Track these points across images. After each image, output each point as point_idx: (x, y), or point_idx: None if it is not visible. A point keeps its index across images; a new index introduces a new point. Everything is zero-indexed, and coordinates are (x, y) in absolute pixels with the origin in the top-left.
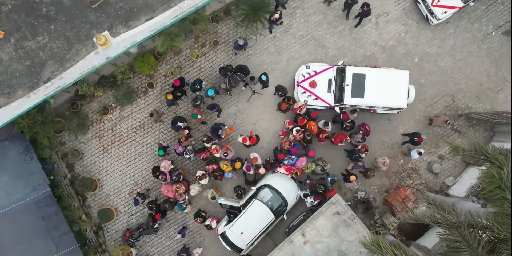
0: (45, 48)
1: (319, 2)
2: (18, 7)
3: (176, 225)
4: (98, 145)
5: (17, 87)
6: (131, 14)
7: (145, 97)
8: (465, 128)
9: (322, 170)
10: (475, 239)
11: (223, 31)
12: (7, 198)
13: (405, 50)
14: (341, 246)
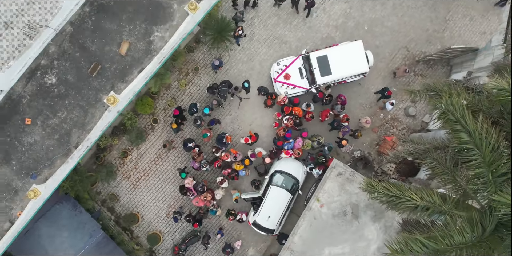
0: (66, 121)
1: (271, 7)
2: (35, 95)
3: (213, 228)
4: (128, 184)
5: (55, 158)
6: (125, 71)
7: (153, 132)
8: (425, 70)
9: (318, 144)
10: (442, 157)
11: (199, 58)
12: (73, 249)
13: (354, 22)
14: (351, 199)
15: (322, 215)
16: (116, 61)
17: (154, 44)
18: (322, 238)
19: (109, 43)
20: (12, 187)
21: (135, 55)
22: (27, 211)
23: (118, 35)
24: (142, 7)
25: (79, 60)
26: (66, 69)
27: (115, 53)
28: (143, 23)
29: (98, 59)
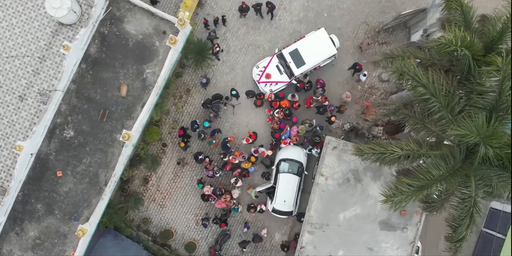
0: (91, 164)
1: (238, 19)
2: (59, 150)
3: (239, 224)
4: (155, 206)
5: (90, 198)
6: (130, 110)
7: (165, 155)
8: (387, 38)
9: (310, 126)
10: (411, 111)
11: (188, 80)
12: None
13: (314, 12)
14: (350, 167)
15: (329, 187)
16: (120, 103)
17: (148, 80)
18: (334, 206)
19: (110, 90)
20: (61, 232)
21: (134, 94)
22: (79, 249)
23: (115, 81)
24: (130, 52)
25: (89, 110)
26: (79, 121)
27: (117, 97)
28: (134, 65)
29: (104, 105)
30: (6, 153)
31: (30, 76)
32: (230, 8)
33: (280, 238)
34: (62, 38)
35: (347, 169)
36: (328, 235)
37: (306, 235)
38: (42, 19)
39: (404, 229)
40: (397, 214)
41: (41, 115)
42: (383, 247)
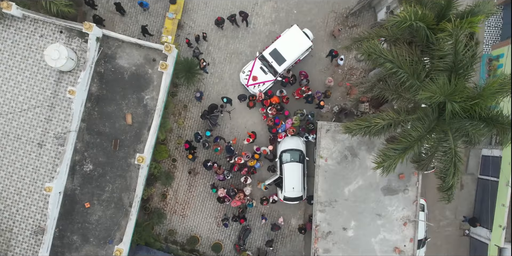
0: (114, 190)
1: (216, 32)
2: (83, 184)
3: (257, 217)
4: (177, 217)
5: (119, 221)
6: (138, 135)
7: (176, 169)
8: (356, 21)
9: (302, 115)
10: (386, 85)
11: (183, 97)
12: None
13: (285, 12)
14: (345, 145)
15: (330, 166)
16: (128, 131)
17: (148, 105)
18: (338, 183)
19: (116, 121)
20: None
21: (139, 120)
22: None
23: (120, 112)
24: (127, 83)
25: (101, 143)
26: (95, 155)
27: (124, 126)
28: (133, 94)
29: (114, 136)
30: (37, 196)
31: (44, 124)
32: (207, 24)
33: (296, 223)
34: (66, 84)
35: (342, 147)
36: (338, 210)
37: (318, 214)
38: (44, 71)
39: (405, 191)
40: (396, 178)
41: (61, 157)
42: (389, 211)
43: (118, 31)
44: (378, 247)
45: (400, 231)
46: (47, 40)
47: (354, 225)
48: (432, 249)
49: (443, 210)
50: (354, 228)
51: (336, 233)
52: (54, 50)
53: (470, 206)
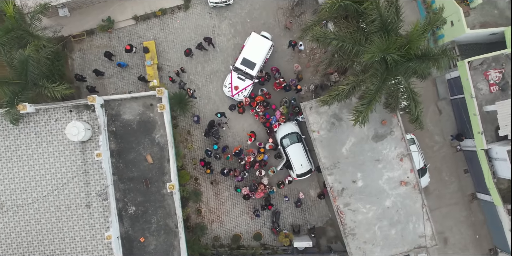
0: (159, 220)
1: (190, 62)
2: (132, 224)
3: (281, 200)
4: (216, 224)
5: (172, 242)
6: (162, 168)
7: (201, 185)
8: (301, 9)
9: (286, 102)
10: (339, 57)
11: (184, 125)
12: None
13: (240, 24)
14: (329, 114)
15: (323, 136)
16: (152, 169)
17: (160, 142)
18: (335, 146)
19: (140, 164)
20: None
21: (157, 156)
22: None
23: (140, 156)
24: (137, 131)
25: (135, 186)
26: (133, 197)
27: (148, 165)
28: (145, 138)
29: (143, 176)
30: (100, 247)
31: (84, 188)
32: (181, 58)
33: (315, 192)
34: (90, 150)
35: (327, 117)
36: (343, 169)
37: (328, 177)
38: (69, 147)
39: (391, 133)
40: (380, 125)
41: (109, 209)
42: (385, 154)
43: (110, 92)
44: (387, 186)
45: (399, 167)
46: (62, 121)
47: (361, 176)
48: (435, 171)
49: (432, 137)
50: (362, 178)
51: (348, 188)
52: (72, 127)
53: (453, 126)
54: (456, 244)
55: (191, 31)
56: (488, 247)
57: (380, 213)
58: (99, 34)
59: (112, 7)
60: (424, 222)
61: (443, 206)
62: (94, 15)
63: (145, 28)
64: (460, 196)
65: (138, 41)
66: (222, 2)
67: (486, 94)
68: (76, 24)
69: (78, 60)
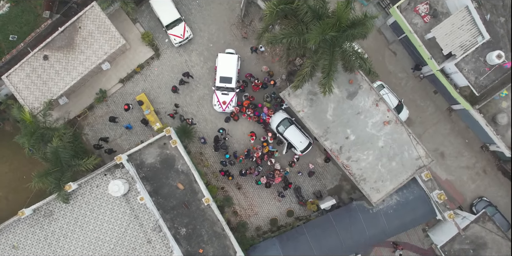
0: (207, 230)
1: (179, 96)
2: (187, 241)
3: (296, 176)
4: (253, 217)
5: (228, 243)
6: (193, 189)
7: (228, 191)
8: (250, 17)
9: (268, 97)
10: (292, 47)
11: (194, 148)
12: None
13: (206, 50)
14: (305, 93)
15: (308, 112)
16: (186, 192)
17: (184, 170)
18: (320, 116)
19: (175, 192)
20: None
21: (186, 181)
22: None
23: (172, 186)
24: (162, 168)
25: (178, 212)
26: (180, 221)
27: (181, 191)
28: (171, 171)
29: (181, 201)
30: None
31: (140, 228)
32: (171, 97)
33: (321, 159)
34: (133, 198)
35: (305, 96)
36: (334, 131)
37: (326, 143)
38: (116, 202)
39: (360, 87)
40: (349, 85)
41: (166, 237)
42: (362, 105)
43: (126, 148)
44: (374, 130)
45: (378, 111)
46: (102, 185)
47: (350, 131)
48: (410, 103)
49: (396, 75)
50: (352, 132)
51: (344, 144)
52: (113, 186)
53: (409, 60)
54: (451, 154)
55: (169, 72)
56: (479, 145)
57: (378, 153)
58: (97, 106)
59: (99, 80)
60: (415, 147)
61: (428, 128)
62: (88, 92)
63: (132, 85)
64: (439, 114)
65: (131, 98)
66: (184, 40)
67: (422, 26)
68: (76, 105)
69: (90, 133)
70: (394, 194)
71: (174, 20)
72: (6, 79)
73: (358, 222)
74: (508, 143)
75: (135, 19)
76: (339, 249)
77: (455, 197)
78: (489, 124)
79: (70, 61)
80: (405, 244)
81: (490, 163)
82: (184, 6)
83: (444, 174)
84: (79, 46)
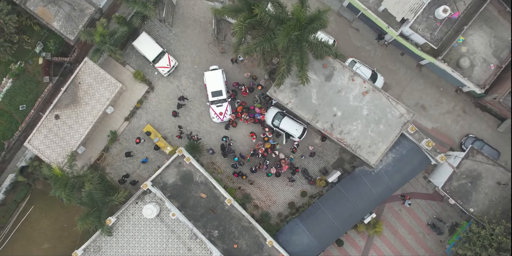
0: (236, 226)
1: (180, 119)
2: (222, 240)
3: (300, 159)
4: (273, 206)
5: (255, 234)
6: (214, 194)
7: (245, 189)
8: (223, 33)
9: (256, 100)
10: (266, 52)
11: (206, 160)
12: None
13: (193, 72)
14: (287, 86)
15: (295, 102)
16: (209, 199)
17: (202, 180)
18: (306, 102)
19: (200, 201)
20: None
21: (207, 190)
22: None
23: (196, 196)
24: (183, 184)
25: (207, 218)
26: (211, 225)
27: (205, 199)
28: (191, 184)
29: (207, 207)
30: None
31: (177, 240)
32: (173, 121)
33: (318, 140)
34: (166, 215)
35: (289, 89)
36: (322, 112)
37: (317, 124)
38: (151, 223)
39: (334, 68)
40: (323, 69)
41: (203, 242)
42: (340, 84)
43: (147, 175)
44: (357, 102)
45: (355, 84)
46: (136, 212)
47: (336, 108)
48: (383, 70)
49: (364, 48)
50: (338, 109)
51: (334, 121)
52: (147, 210)
53: (372, 32)
54: (431, 104)
55: (166, 100)
56: (453, 90)
57: (365, 121)
58: (111, 146)
59: (107, 123)
60: (396, 107)
61: (405, 87)
62: (100, 137)
63: (137, 120)
64: (410, 72)
65: (139, 131)
66: (171, 69)
67: (374, 1)
68: (93, 150)
69: (112, 171)
70: (389, 153)
71: (158, 54)
72: (28, 145)
73: (364, 185)
74: (476, 81)
75: (124, 62)
76: (354, 213)
77: (445, 141)
78: (455, 70)
79: (79, 114)
80: (411, 194)
81: (467, 103)
82: (163, 39)
83: (430, 123)
84: (83, 99)
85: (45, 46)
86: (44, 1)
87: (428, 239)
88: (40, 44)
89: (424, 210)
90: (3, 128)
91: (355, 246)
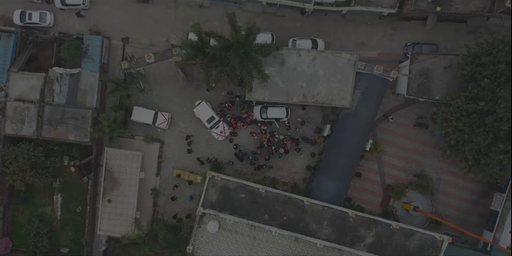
0: (284, 205)
1: (196, 151)
2: (279, 223)
3: (298, 133)
4: (296, 176)
5: (299, 204)
6: (249, 190)
7: (269, 177)
8: (191, 73)
9: (242, 108)
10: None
11: (231, 171)
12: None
13: (186, 115)
14: (259, 85)
15: (269, 94)
16: (248, 197)
17: (235, 185)
18: (277, 89)
19: (245, 201)
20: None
21: (243, 190)
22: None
23: (239, 200)
24: (226, 195)
25: (255, 209)
26: (261, 212)
27: (245, 198)
28: (230, 193)
29: (251, 202)
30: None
31: (249, 238)
32: (191, 157)
33: (301, 110)
34: (225, 224)
35: (260, 86)
36: (291, 90)
37: (293, 100)
38: (219, 236)
39: (282, 55)
40: (276, 60)
41: (264, 228)
42: (292, 62)
43: (194, 206)
44: (311, 69)
45: (303, 57)
46: (204, 234)
47: (300, 82)
48: (319, 33)
49: (295, 26)
50: (301, 82)
51: (303, 91)
52: (210, 226)
53: (294, 12)
54: (367, 38)
55: (177, 145)
56: (377, 18)
57: (325, 79)
58: (157, 200)
59: (144, 186)
60: (341, 56)
61: (341, 37)
62: (144, 198)
63: (164, 171)
64: (338, 23)
65: (171, 178)
66: (168, 121)
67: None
68: (146, 209)
69: (168, 217)
70: (355, 91)
71: (154, 116)
72: (100, 232)
73: (350, 124)
74: (388, 4)
75: (132, 135)
76: (355, 146)
77: (393, 58)
78: (368, 6)
79: (124, 190)
80: (390, 110)
81: (393, 22)
82: (150, 103)
83: (374, 52)
84: (120, 178)
85: (70, 156)
86: (53, 124)
87: (421, 136)
88: (66, 157)
89: (406, 116)
90: (73, 231)
91: (371, 171)
